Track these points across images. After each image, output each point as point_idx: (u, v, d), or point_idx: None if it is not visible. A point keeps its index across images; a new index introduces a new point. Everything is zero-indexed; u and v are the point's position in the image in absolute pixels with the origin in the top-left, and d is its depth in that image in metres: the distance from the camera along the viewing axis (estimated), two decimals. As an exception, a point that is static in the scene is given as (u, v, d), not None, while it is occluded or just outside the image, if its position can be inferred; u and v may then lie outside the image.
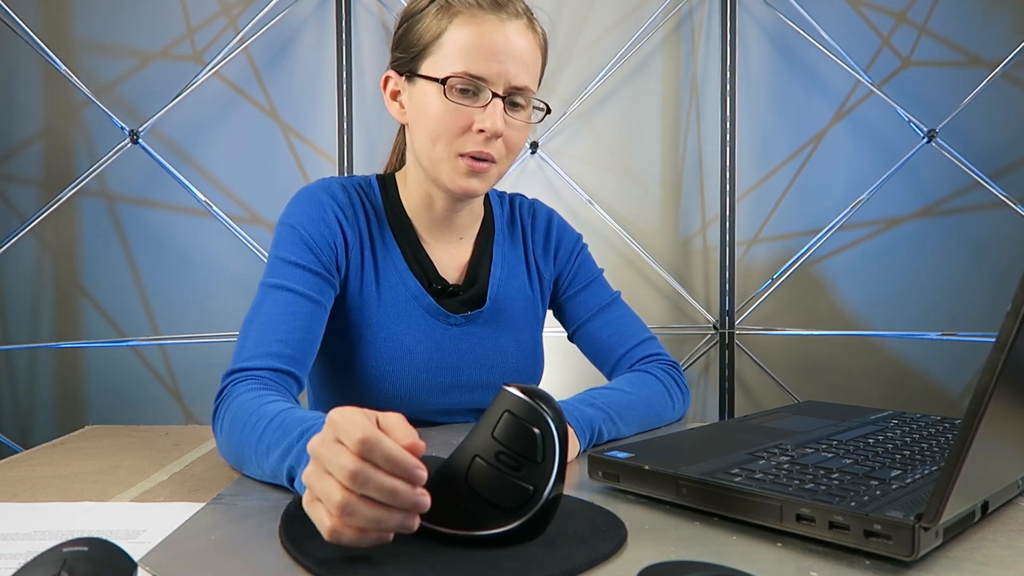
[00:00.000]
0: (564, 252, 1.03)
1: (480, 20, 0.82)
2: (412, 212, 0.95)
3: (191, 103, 2.05)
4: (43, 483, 0.70)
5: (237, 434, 0.70)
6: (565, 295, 1.03)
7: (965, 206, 2.19)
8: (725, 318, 2.25)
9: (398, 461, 0.46)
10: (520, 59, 0.83)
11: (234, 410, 0.72)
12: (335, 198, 0.90)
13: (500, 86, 0.83)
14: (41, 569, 0.40)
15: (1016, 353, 0.41)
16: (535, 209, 1.05)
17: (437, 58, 0.83)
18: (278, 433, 0.65)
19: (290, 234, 0.87)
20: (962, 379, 2.21)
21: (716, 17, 2.28)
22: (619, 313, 1.03)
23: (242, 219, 2.12)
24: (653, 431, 0.91)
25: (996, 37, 2.15)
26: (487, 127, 0.82)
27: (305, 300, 0.83)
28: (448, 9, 0.83)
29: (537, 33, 0.88)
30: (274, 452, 0.64)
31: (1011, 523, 0.57)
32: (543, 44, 0.89)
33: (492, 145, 0.84)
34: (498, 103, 0.82)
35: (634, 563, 0.48)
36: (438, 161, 0.86)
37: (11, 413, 2.07)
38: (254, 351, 0.78)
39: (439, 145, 0.84)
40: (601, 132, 2.28)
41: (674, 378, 0.98)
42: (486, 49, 0.82)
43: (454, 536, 0.50)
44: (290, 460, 0.62)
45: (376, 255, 0.92)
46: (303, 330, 0.81)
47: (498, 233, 1.00)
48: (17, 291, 2.06)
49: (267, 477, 0.66)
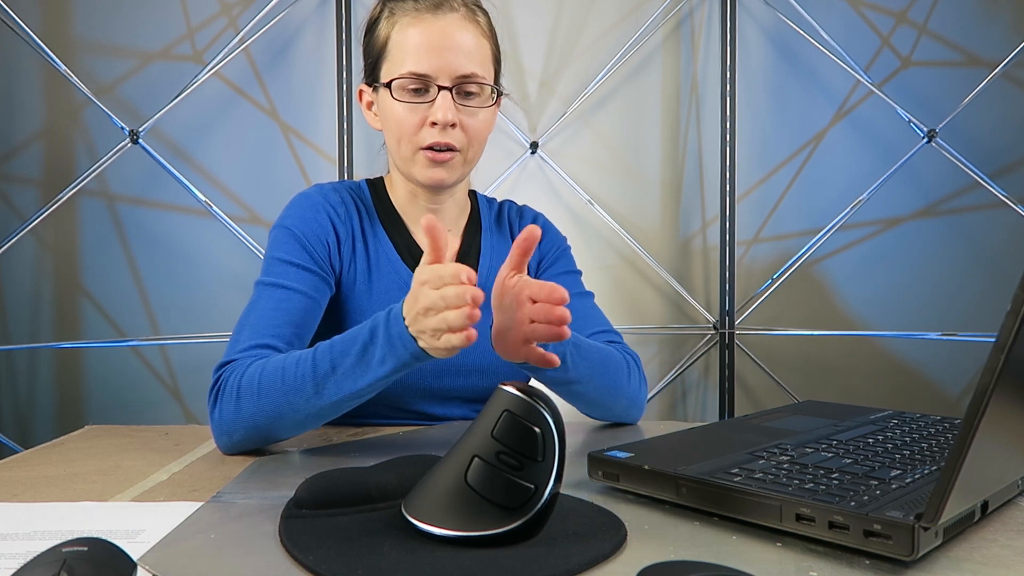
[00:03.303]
0: (548, 243, 1.06)
1: (418, 20, 0.88)
2: (401, 208, 1.00)
3: (191, 103, 2.05)
4: (43, 483, 0.70)
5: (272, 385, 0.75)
6: (542, 277, 1.04)
7: (965, 206, 2.19)
8: (725, 318, 2.25)
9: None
10: (462, 49, 0.88)
11: (253, 374, 0.76)
12: (327, 199, 0.95)
13: (445, 78, 0.88)
14: (41, 569, 0.40)
15: (1016, 353, 0.41)
16: (523, 210, 1.10)
17: (389, 64, 0.90)
18: (336, 349, 0.74)
19: (284, 235, 0.91)
20: (962, 379, 2.21)
21: (716, 17, 2.28)
22: (589, 305, 1.03)
23: (242, 219, 2.12)
24: (654, 429, 0.91)
25: (996, 37, 2.15)
26: (438, 118, 0.87)
27: (299, 296, 0.86)
28: (392, 16, 0.90)
29: (478, 23, 0.92)
30: (345, 360, 0.73)
31: (1011, 523, 0.57)
32: (488, 31, 0.94)
33: (449, 135, 0.89)
34: (446, 95, 0.88)
35: (634, 563, 0.48)
36: (406, 159, 0.92)
37: (11, 413, 2.07)
38: (248, 343, 0.81)
39: (403, 144, 0.91)
40: (601, 132, 2.28)
41: (635, 361, 0.96)
42: (426, 46, 0.87)
43: (454, 536, 0.50)
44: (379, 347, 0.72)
45: (368, 248, 0.96)
46: (296, 324, 0.84)
47: (485, 228, 1.04)
48: (17, 291, 2.06)
49: (326, 396, 0.74)
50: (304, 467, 0.74)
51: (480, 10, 0.94)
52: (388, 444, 0.83)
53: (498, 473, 0.50)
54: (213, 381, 0.79)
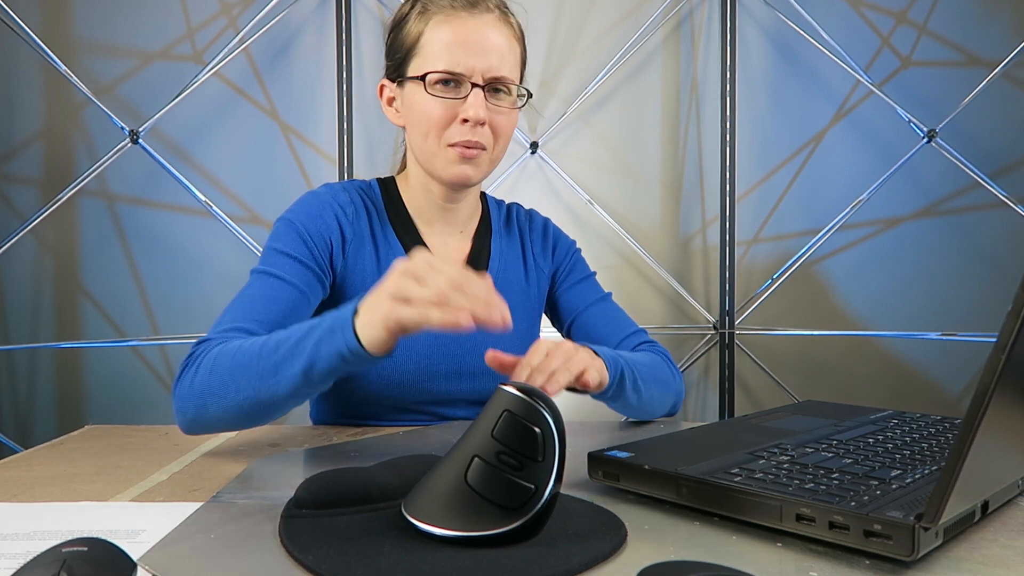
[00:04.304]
0: (561, 250, 1.08)
1: (454, 18, 0.88)
2: (413, 208, 0.99)
3: (191, 103, 2.05)
4: (43, 483, 0.70)
5: (223, 363, 0.73)
6: (560, 288, 1.07)
7: (965, 206, 2.19)
8: (725, 318, 2.25)
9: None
10: (496, 51, 0.88)
11: (212, 353, 0.75)
12: (336, 197, 0.94)
13: (479, 77, 0.88)
14: (41, 569, 0.40)
15: (1016, 353, 0.41)
16: (532, 215, 1.10)
17: (420, 59, 0.89)
18: (290, 331, 0.71)
19: (286, 227, 0.90)
20: (962, 379, 2.21)
21: (716, 17, 2.28)
22: (612, 307, 1.06)
23: (242, 219, 2.12)
24: (654, 429, 0.91)
25: (996, 37, 2.15)
26: (470, 115, 0.87)
27: (290, 288, 0.85)
28: (425, 13, 0.90)
29: (511, 25, 0.93)
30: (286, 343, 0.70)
31: (1011, 523, 0.57)
32: (519, 34, 0.94)
33: (479, 133, 0.89)
34: (479, 92, 0.88)
35: (634, 563, 0.48)
36: (431, 154, 0.91)
37: (11, 413, 2.07)
38: (228, 325, 0.81)
39: (430, 138, 0.90)
40: (601, 132, 2.28)
41: (669, 360, 1.02)
42: (461, 45, 0.87)
43: (454, 536, 0.50)
44: (317, 334, 0.68)
45: (378, 250, 0.95)
46: (281, 314, 0.84)
47: (495, 231, 1.04)
48: (17, 291, 2.06)
49: (265, 381, 0.71)
50: (304, 467, 0.74)
51: (512, 14, 0.94)
52: (388, 444, 0.83)
53: (498, 473, 0.50)
54: (188, 354, 0.79)
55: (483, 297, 0.61)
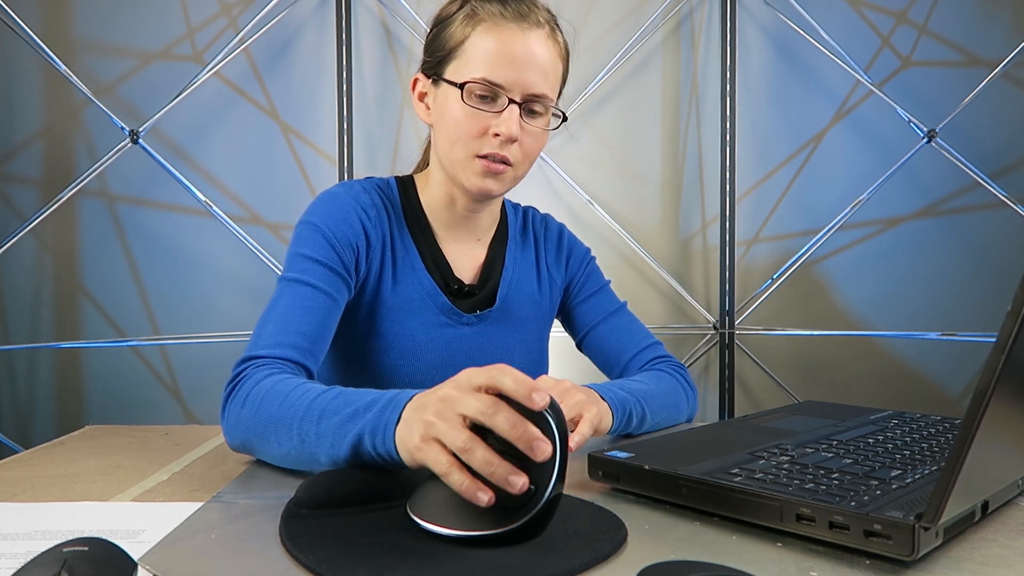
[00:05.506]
0: (575, 260, 1.07)
1: (502, 28, 0.85)
2: (432, 212, 0.96)
3: (191, 103, 2.05)
4: (43, 483, 0.70)
5: (269, 407, 0.69)
6: (575, 300, 1.06)
7: (965, 206, 2.19)
8: (725, 318, 2.25)
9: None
10: (539, 68, 0.85)
11: (263, 388, 0.71)
12: (358, 200, 0.91)
13: (517, 93, 0.85)
14: (41, 569, 0.40)
15: (1016, 353, 0.41)
16: (547, 221, 1.09)
17: (460, 63, 0.86)
18: (337, 401, 0.65)
19: (312, 232, 0.87)
20: (962, 379, 2.21)
21: (716, 17, 2.28)
22: (627, 319, 1.06)
23: (242, 219, 2.12)
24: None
25: (996, 37, 2.15)
26: (502, 131, 0.84)
27: (323, 295, 0.84)
28: (473, 17, 0.86)
29: (558, 43, 0.90)
30: (332, 417, 0.64)
31: (1011, 523, 0.57)
32: (564, 53, 0.92)
33: (508, 149, 0.86)
34: (514, 109, 0.85)
35: (634, 563, 0.48)
36: (457, 162, 0.88)
37: (11, 413, 2.07)
38: (272, 340, 0.78)
39: (458, 147, 0.87)
40: (601, 132, 2.28)
41: (684, 377, 1.01)
42: (506, 57, 0.84)
43: (456, 536, 0.50)
44: (362, 423, 0.62)
45: (396, 254, 0.93)
46: (319, 324, 0.82)
47: (511, 239, 1.03)
48: (17, 291, 2.06)
49: (306, 446, 0.65)
50: (304, 467, 0.74)
51: (560, 31, 0.92)
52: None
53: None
54: (233, 375, 0.76)
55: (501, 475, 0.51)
